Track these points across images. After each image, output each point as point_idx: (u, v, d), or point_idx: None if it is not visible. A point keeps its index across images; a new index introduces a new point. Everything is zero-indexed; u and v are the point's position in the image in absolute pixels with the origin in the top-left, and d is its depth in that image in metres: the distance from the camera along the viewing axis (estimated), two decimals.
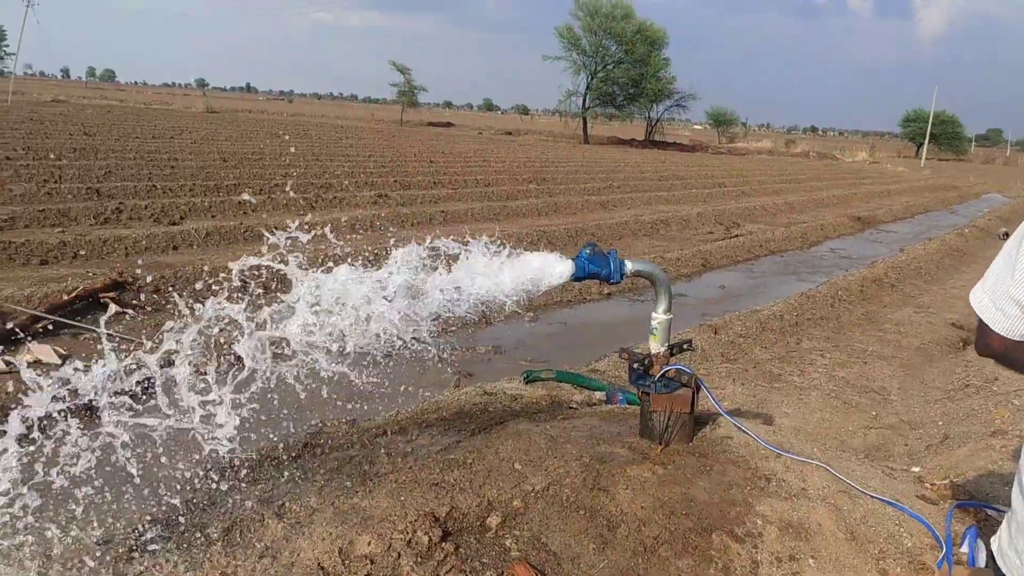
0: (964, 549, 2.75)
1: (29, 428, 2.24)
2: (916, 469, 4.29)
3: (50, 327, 6.22)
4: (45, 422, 2.29)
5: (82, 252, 8.82)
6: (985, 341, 1.75)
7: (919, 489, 3.45)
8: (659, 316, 3.38)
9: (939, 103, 75.68)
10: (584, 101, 59.60)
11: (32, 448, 2.32)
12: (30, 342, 5.88)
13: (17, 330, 5.88)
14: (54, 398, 2.26)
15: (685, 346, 3.56)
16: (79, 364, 2.38)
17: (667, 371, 3.35)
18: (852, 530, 2.87)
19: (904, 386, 6.76)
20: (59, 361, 5.56)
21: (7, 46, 62.97)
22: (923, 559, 2.78)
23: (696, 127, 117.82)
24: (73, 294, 6.82)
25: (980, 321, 1.74)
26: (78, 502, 2.48)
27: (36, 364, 5.47)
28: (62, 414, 2.30)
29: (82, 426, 2.38)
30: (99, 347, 2.43)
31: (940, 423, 5.64)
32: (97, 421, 2.38)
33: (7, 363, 5.38)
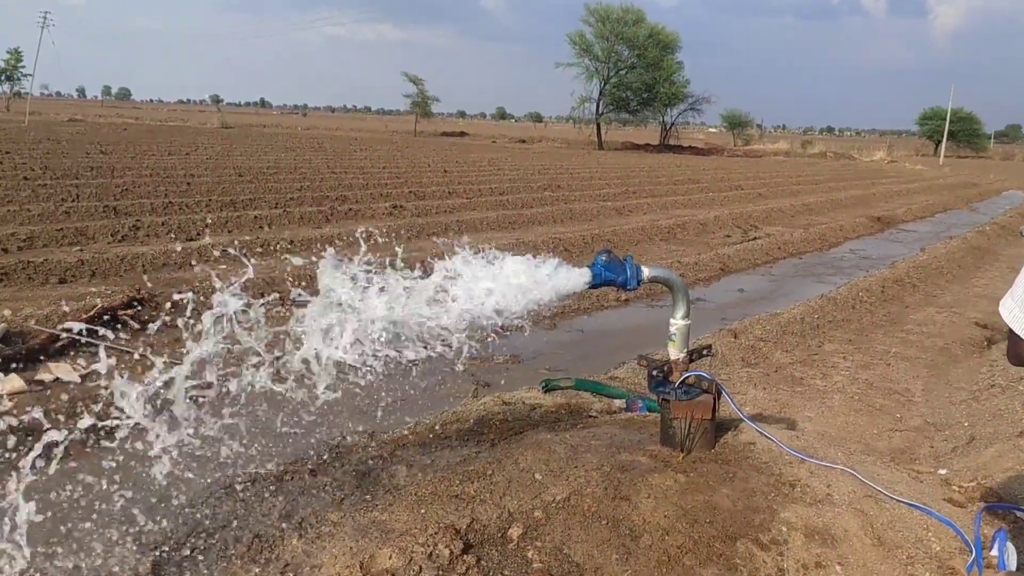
0: (994, 552, 2.70)
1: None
2: (943, 472, 4.24)
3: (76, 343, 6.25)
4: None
5: (100, 269, 8.88)
6: (1017, 351, 1.77)
7: (946, 492, 3.40)
8: (677, 322, 3.34)
9: (956, 100, 75.49)
10: (598, 107, 59.66)
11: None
12: (49, 360, 5.91)
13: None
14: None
15: (704, 351, 3.52)
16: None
17: (687, 377, 3.31)
18: (879, 535, 2.82)
19: (928, 387, 6.68)
20: (78, 379, 5.59)
21: (23, 67, 63.65)
22: (952, 563, 2.73)
23: (711, 130, 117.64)
24: (92, 312, 6.86)
25: (1011, 332, 1.75)
26: (100, 518, 2.48)
27: (56, 382, 5.50)
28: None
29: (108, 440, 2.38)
30: (119, 362, 2.43)
31: (966, 424, 5.56)
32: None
33: (28, 382, 5.41)
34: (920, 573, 2.68)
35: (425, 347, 2.73)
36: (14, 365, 5.51)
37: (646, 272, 3.20)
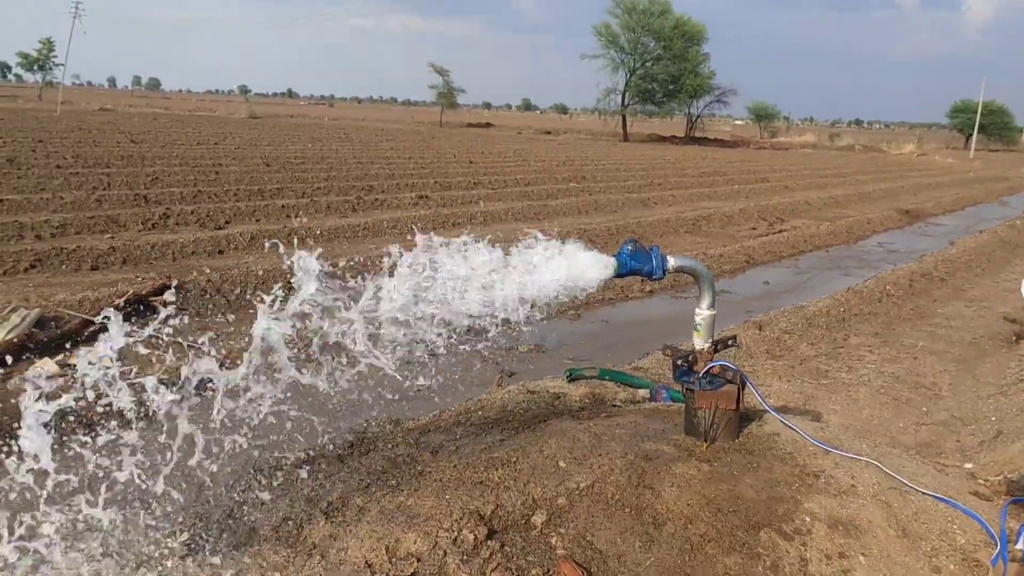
0: (1019, 546, 2.69)
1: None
2: (969, 465, 4.21)
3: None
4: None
5: (131, 257, 9.00)
6: None
7: (972, 485, 3.38)
8: (703, 312, 3.34)
9: (988, 93, 74.23)
10: (623, 98, 59.37)
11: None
12: (82, 345, 6.00)
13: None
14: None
15: (730, 342, 3.52)
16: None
17: (712, 368, 3.32)
18: (904, 527, 2.82)
19: (955, 381, 6.62)
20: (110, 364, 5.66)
21: (55, 57, 64.41)
22: (977, 556, 2.72)
23: (737, 122, 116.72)
24: (123, 298, 6.96)
25: None
26: (132, 498, 2.52)
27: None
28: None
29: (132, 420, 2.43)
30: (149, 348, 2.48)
31: (993, 418, 5.51)
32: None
33: (61, 366, 5.50)
34: (944, 565, 2.68)
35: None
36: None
37: (672, 262, 3.21)
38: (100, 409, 2.34)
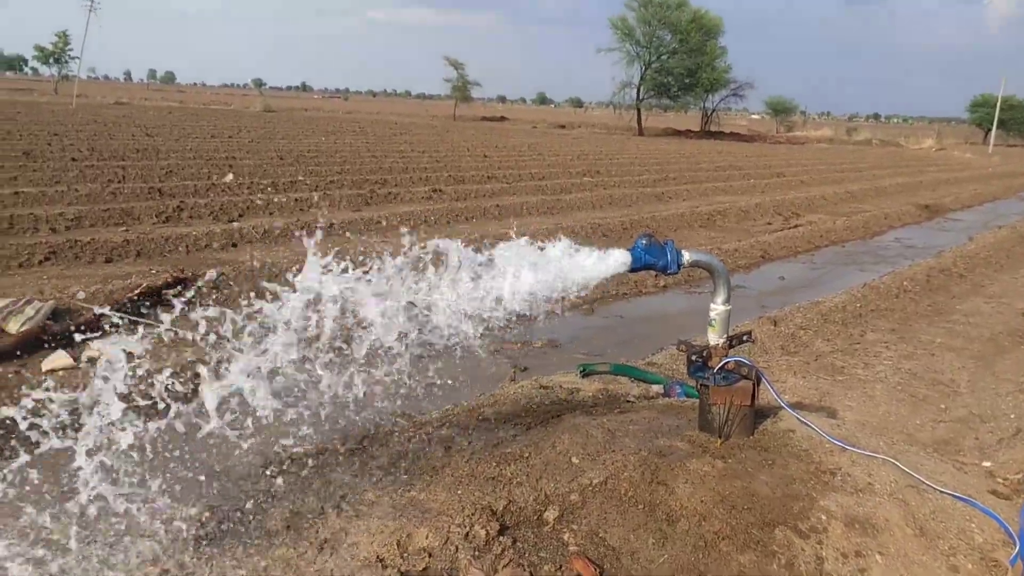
0: None
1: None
2: (987, 464, 4.16)
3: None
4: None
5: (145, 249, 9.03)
6: None
7: (990, 484, 3.34)
8: (718, 307, 3.31)
9: (1008, 88, 73.71)
10: (638, 92, 59.13)
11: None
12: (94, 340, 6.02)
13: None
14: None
15: (744, 338, 3.49)
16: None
17: (726, 363, 3.28)
18: (921, 526, 2.78)
19: (974, 378, 6.55)
20: (123, 357, 5.67)
21: (71, 50, 64.62)
22: (995, 556, 2.68)
23: (754, 116, 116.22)
24: (136, 291, 6.98)
25: None
26: (145, 492, 2.52)
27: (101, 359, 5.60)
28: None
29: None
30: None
31: (1012, 416, 5.45)
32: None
33: (75, 359, 5.52)
34: (962, 564, 2.64)
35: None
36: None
37: (687, 257, 3.17)
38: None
